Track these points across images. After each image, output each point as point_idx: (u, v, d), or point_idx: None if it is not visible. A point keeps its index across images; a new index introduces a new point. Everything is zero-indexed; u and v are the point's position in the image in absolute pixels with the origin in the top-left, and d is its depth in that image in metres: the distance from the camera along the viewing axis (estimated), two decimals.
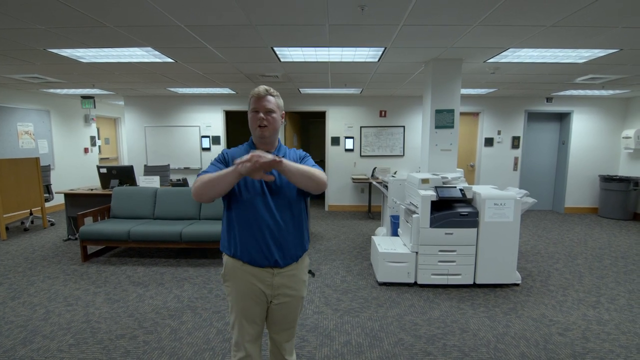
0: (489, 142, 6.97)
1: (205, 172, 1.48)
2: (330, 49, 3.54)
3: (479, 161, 7.05)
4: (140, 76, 4.96)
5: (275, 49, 3.56)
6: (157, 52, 3.68)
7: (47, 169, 6.03)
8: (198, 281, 3.61)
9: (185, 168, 7.29)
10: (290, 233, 1.54)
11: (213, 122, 7.20)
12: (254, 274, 1.52)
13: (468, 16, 2.64)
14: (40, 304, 3.09)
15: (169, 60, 4.01)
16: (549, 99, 6.75)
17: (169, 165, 6.54)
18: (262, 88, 1.54)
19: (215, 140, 7.22)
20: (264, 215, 1.49)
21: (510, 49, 3.48)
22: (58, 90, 6.31)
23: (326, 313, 2.98)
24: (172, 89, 6.24)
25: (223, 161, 1.56)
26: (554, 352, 2.45)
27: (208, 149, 7.25)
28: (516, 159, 7.00)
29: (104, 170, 5.03)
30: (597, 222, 6.32)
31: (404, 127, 7.01)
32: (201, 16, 2.68)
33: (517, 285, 3.53)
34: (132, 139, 7.33)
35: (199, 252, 4.49)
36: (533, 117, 7.02)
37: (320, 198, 7.36)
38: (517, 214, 3.36)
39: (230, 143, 7.86)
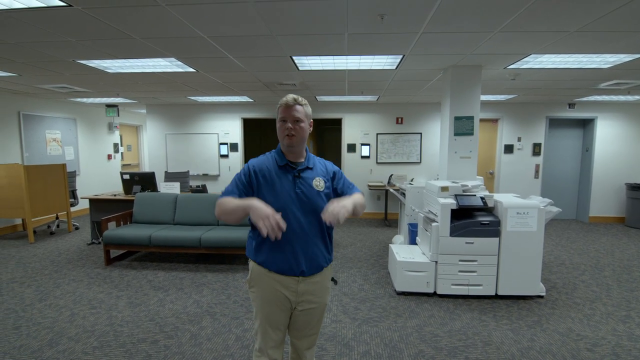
0: (508, 149, 6.83)
1: (227, 192, 1.53)
2: (349, 57, 3.57)
3: (499, 168, 6.91)
4: (162, 85, 5.11)
5: (294, 57, 3.61)
6: (179, 62, 3.79)
7: (72, 175, 6.25)
8: (216, 287, 3.65)
9: (204, 174, 7.43)
10: (316, 245, 1.56)
11: (231, 129, 7.33)
12: (279, 280, 1.53)
13: (490, 23, 2.62)
14: (65, 306, 3.19)
15: (191, 69, 4.12)
16: (571, 105, 6.57)
17: (188, 171, 6.67)
18: (290, 97, 1.54)
19: (233, 147, 7.34)
20: (294, 227, 1.49)
21: (532, 55, 3.42)
22: (84, 99, 6.57)
23: (344, 322, 2.95)
24: (192, 98, 6.40)
25: (248, 176, 1.55)
26: None
27: (226, 156, 7.37)
28: (537, 166, 6.83)
29: (127, 177, 5.18)
30: (624, 232, 6.07)
31: (420, 134, 6.96)
32: (224, 27, 2.75)
33: (541, 297, 3.42)
34: (153, 146, 7.53)
35: (217, 257, 4.55)
36: (555, 123, 6.85)
37: None
38: (541, 224, 3.26)
39: (247, 150, 7.97)
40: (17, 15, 2.49)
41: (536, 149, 6.78)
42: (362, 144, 7.08)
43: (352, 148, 7.12)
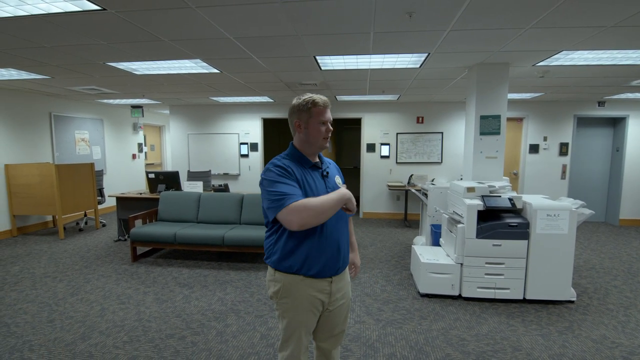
0: (534, 148, 6.63)
1: (291, 195, 1.35)
2: (372, 56, 3.55)
3: (523, 169, 6.71)
4: (186, 86, 5.21)
5: (317, 57, 3.61)
6: (204, 64, 3.86)
7: (100, 174, 6.46)
8: (240, 285, 3.69)
9: (225, 174, 7.54)
10: (346, 242, 1.58)
11: (251, 129, 7.41)
12: (314, 285, 1.50)
13: (522, 19, 2.55)
14: (96, 301, 3.30)
15: (215, 70, 4.19)
16: (601, 103, 6.32)
17: (210, 171, 6.79)
18: (325, 98, 1.52)
19: (253, 147, 7.42)
20: (331, 227, 1.49)
21: (563, 52, 3.31)
22: (111, 101, 6.78)
23: (368, 323, 2.94)
24: (213, 98, 6.50)
25: (289, 172, 1.43)
26: None
27: (246, 156, 7.46)
28: (564, 166, 6.60)
29: (152, 176, 5.32)
30: None
31: (442, 133, 6.84)
32: (250, 28, 2.78)
33: (571, 302, 3.30)
34: (176, 146, 7.70)
35: (239, 255, 4.61)
36: (583, 122, 6.60)
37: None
38: (573, 226, 3.15)
39: (267, 150, 8.04)
40: (54, 20, 2.59)
41: (563, 149, 6.55)
42: (382, 144, 7.02)
43: (371, 148, 7.08)
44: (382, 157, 7.05)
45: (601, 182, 6.78)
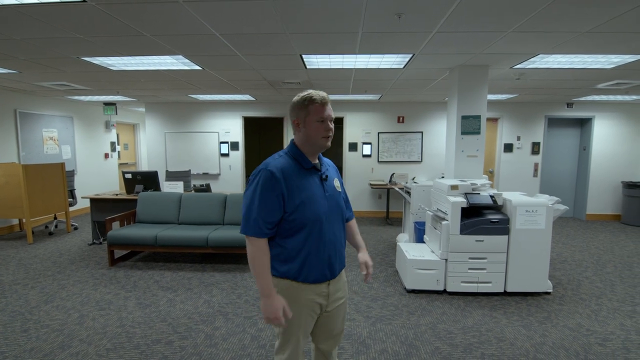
0: (508, 147, 6.91)
1: (259, 225, 1.35)
2: (358, 56, 3.57)
3: (498, 167, 6.99)
4: (165, 83, 5.04)
5: (303, 56, 3.60)
6: (186, 60, 3.75)
7: (71, 174, 6.14)
8: (226, 286, 3.62)
9: (205, 173, 7.36)
10: (343, 245, 1.56)
11: (232, 128, 7.27)
12: (312, 290, 1.47)
13: (505, 23, 2.65)
14: (73, 308, 3.13)
15: (197, 67, 4.08)
16: (569, 105, 6.68)
17: (190, 170, 6.62)
18: (323, 94, 1.45)
19: (234, 146, 7.29)
20: (328, 234, 1.45)
21: (540, 55, 3.47)
22: (82, 97, 6.45)
23: (358, 320, 2.96)
24: (192, 96, 6.33)
25: (278, 188, 1.35)
26: None
27: (227, 155, 7.32)
28: (536, 164, 6.93)
29: (129, 176, 5.11)
30: (621, 229, 6.20)
31: (422, 133, 7.00)
32: (238, 25, 2.73)
33: (548, 293, 3.47)
34: (152, 145, 7.44)
35: (224, 257, 4.52)
36: (553, 122, 6.96)
37: None
38: (549, 222, 3.31)
39: (248, 149, 7.93)
40: (26, 11, 2.43)
41: (535, 148, 6.88)
42: (364, 143, 7.10)
43: (353, 147, 7.13)
44: (364, 156, 7.13)
45: (569, 179, 7.18)
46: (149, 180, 5.11)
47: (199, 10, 2.43)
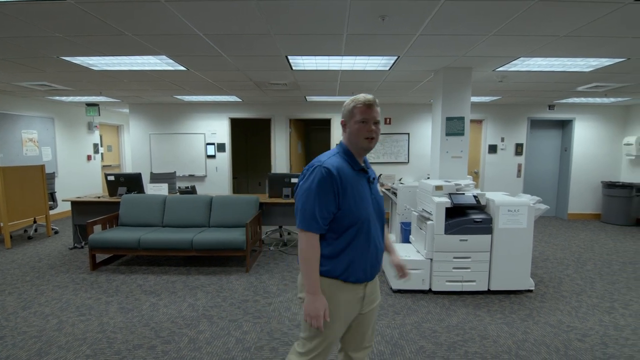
0: (492, 149, 7.04)
1: (316, 221, 1.35)
2: (344, 57, 3.59)
3: (483, 168, 7.11)
4: (149, 84, 4.97)
5: (289, 57, 3.59)
6: (170, 60, 3.70)
7: (51, 177, 5.98)
8: (211, 289, 3.58)
9: (190, 175, 7.27)
10: (382, 247, 1.57)
11: (218, 129, 7.21)
12: (351, 290, 1.45)
13: (485, 26, 2.69)
14: (52, 314, 3.04)
15: (181, 68, 4.03)
16: (551, 107, 6.85)
17: (175, 172, 6.53)
18: (370, 96, 1.44)
19: (221, 147, 7.22)
20: (374, 235, 1.46)
21: (521, 58, 3.54)
22: (63, 98, 6.30)
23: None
24: (178, 97, 6.25)
25: (336, 185, 1.37)
26: (575, 358, 2.45)
27: (213, 157, 7.25)
28: (520, 165, 7.07)
29: (111, 178, 5.01)
30: (601, 228, 6.38)
31: (408, 134, 7.07)
32: (222, 25, 2.70)
33: (530, 291, 3.54)
34: (136, 147, 7.31)
35: (209, 260, 4.46)
36: (535, 124, 7.12)
37: None
38: (531, 221, 3.38)
39: (235, 150, 7.87)
40: (4, 9, 2.36)
41: (518, 149, 7.02)
42: None
43: None
44: None
45: (552, 179, 7.35)
46: (132, 182, 5.01)
47: (182, 9, 2.40)
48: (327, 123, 7.29)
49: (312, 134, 9.08)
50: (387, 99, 6.40)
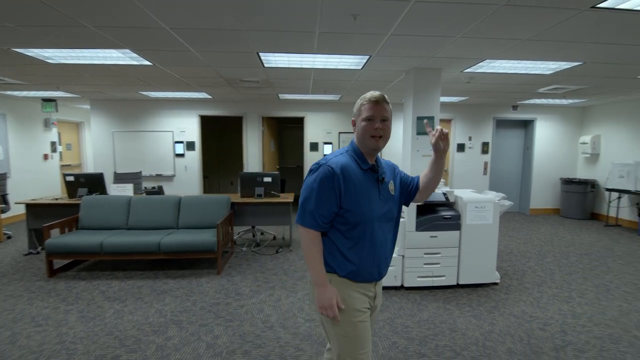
0: (460, 147, 7.29)
1: (315, 217, 1.35)
2: (317, 55, 3.56)
3: (452, 166, 7.34)
4: (112, 79, 4.71)
5: (260, 54, 3.52)
6: (134, 55, 3.52)
7: (3, 177, 5.54)
8: (180, 293, 3.45)
9: (158, 175, 6.99)
10: (392, 250, 1.55)
11: (187, 127, 6.97)
12: (362, 287, 1.45)
13: (454, 28, 2.76)
14: (4, 326, 2.81)
15: (147, 63, 3.85)
16: (514, 107, 7.18)
17: (140, 172, 6.24)
18: (377, 93, 1.40)
19: (190, 146, 6.99)
20: (380, 237, 1.43)
21: (487, 60, 3.67)
22: (16, 93, 5.85)
23: (318, 320, 2.95)
24: (144, 93, 5.98)
25: (337, 186, 1.35)
26: (537, 346, 2.57)
27: (182, 155, 7.00)
28: (486, 163, 7.36)
29: (70, 178, 4.71)
30: (560, 222, 6.78)
31: None
32: (190, 19, 2.60)
33: (496, 284, 3.69)
34: (98, 145, 6.93)
35: (177, 263, 4.30)
36: (500, 124, 7.44)
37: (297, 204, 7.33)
38: (496, 216, 3.52)
39: (205, 149, 7.65)
40: None
41: (485, 148, 7.31)
42: (325, 143, 7.13)
43: (314, 147, 7.14)
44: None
45: (515, 176, 7.72)
46: (93, 182, 4.74)
47: (146, 1, 2.28)
48: (300, 121, 7.25)
49: (285, 132, 9.00)
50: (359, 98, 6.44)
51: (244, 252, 4.78)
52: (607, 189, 6.36)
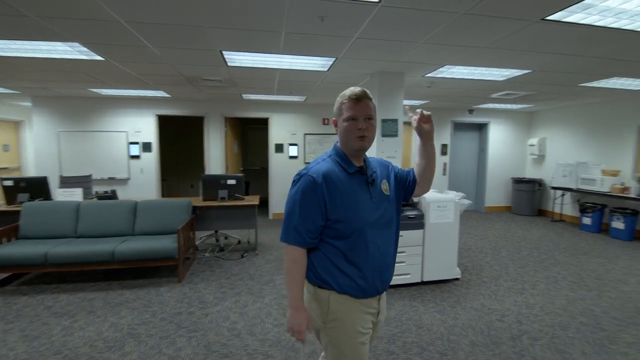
0: None
1: (299, 233, 1.27)
2: (282, 56, 3.51)
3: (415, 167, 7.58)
4: (57, 74, 4.33)
5: (224, 52, 3.40)
6: (84, 49, 3.25)
7: None
8: (137, 305, 3.23)
9: (110, 178, 6.53)
10: (393, 257, 1.42)
11: (143, 127, 6.58)
12: (367, 304, 1.34)
13: (417, 34, 2.85)
14: None
15: (98, 58, 3.57)
16: (470, 111, 7.59)
17: (91, 175, 5.79)
18: (358, 89, 1.29)
19: (147, 147, 6.61)
20: (374, 246, 1.32)
21: (447, 66, 3.83)
22: None
23: (286, 326, 2.89)
24: (94, 90, 5.56)
25: (320, 193, 1.26)
26: (496, 337, 2.71)
27: (137, 157, 6.60)
28: (445, 164, 7.71)
29: (9, 183, 4.25)
30: (512, 218, 7.26)
31: None
32: (148, 13, 2.44)
33: (457, 279, 3.85)
34: (41, 146, 6.33)
35: (134, 272, 4.03)
36: (458, 126, 7.82)
37: (263, 206, 7.18)
38: (457, 215, 3.68)
39: (164, 150, 7.28)
40: None
41: (444, 149, 7.65)
42: (290, 144, 7.07)
43: (279, 148, 7.05)
44: (291, 157, 7.10)
45: (471, 177, 8.16)
46: (36, 187, 4.31)
47: None
48: (265, 122, 7.12)
49: (249, 133, 8.81)
50: (325, 99, 6.46)
51: (207, 258, 4.59)
52: (553, 187, 6.91)
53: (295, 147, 7.08)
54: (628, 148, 5.87)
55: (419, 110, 1.36)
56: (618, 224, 5.62)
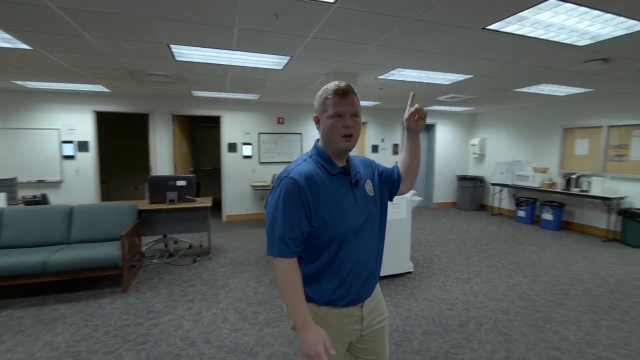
0: (375, 148, 7.80)
1: (284, 244, 1.16)
2: (235, 52, 3.40)
3: None
4: None
5: (171, 46, 3.21)
6: (7, 36, 2.88)
7: None
8: (76, 319, 2.94)
9: (40, 181, 5.86)
10: (378, 261, 1.35)
11: (79, 124, 6.00)
12: (347, 314, 1.26)
13: (370, 36, 2.92)
14: None
15: (25, 47, 3.18)
16: None
17: (16, 178, 5.15)
18: (343, 84, 1.20)
19: (82, 146, 6.03)
20: (360, 251, 1.25)
21: (398, 68, 3.98)
22: None
23: (244, 329, 2.81)
24: (19, 82, 4.95)
25: (303, 196, 1.17)
26: (447, 325, 2.88)
27: (72, 157, 6.00)
28: (396, 163, 8.01)
29: None
30: (457, 213, 7.77)
31: (301, 134, 7.23)
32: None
33: (410, 273, 4.03)
34: None
35: (71, 284, 3.66)
36: None
37: (216, 208, 6.93)
38: (409, 211, 3.85)
39: (103, 149, 6.70)
40: None
41: (395, 149, 7.97)
42: (244, 144, 6.89)
43: (233, 147, 6.84)
44: (245, 157, 6.92)
45: (421, 174, 8.58)
46: None
47: None
48: (216, 121, 6.87)
49: (200, 131, 8.44)
50: (280, 98, 6.40)
51: (155, 264, 4.31)
52: (492, 184, 7.54)
53: (250, 147, 6.92)
54: (555, 147, 6.58)
55: (417, 105, 1.32)
56: (547, 216, 6.27)
